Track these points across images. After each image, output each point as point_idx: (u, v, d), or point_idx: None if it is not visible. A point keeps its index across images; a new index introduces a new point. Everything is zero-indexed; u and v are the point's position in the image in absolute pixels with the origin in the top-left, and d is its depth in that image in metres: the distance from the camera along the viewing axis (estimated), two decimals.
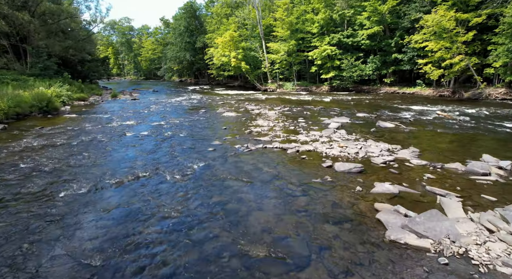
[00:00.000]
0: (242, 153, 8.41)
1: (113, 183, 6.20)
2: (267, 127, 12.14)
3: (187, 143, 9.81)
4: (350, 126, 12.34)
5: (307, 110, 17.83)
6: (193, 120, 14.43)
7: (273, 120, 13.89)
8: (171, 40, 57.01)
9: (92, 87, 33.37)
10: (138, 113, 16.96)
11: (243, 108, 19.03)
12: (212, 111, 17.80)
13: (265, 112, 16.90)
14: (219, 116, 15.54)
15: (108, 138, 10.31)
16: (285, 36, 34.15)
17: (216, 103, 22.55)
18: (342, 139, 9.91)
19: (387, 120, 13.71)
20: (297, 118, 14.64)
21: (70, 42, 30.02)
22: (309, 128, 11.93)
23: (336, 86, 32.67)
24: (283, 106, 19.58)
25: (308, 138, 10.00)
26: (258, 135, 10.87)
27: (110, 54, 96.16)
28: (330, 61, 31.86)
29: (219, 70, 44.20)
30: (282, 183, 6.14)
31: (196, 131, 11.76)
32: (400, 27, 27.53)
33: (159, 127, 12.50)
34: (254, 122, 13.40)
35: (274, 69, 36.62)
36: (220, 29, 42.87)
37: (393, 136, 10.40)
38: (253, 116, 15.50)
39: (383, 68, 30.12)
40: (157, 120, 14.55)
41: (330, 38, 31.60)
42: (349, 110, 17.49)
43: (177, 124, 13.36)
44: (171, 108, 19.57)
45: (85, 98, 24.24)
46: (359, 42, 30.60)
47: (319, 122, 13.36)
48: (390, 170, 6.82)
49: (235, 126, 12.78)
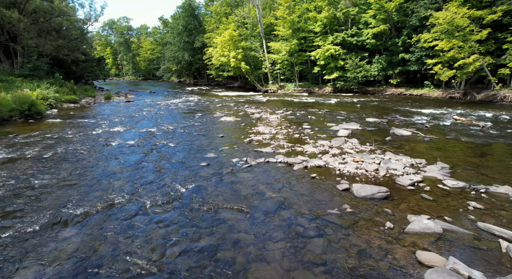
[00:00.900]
0: (240, 170, 7.13)
1: (76, 214, 4.92)
2: (269, 135, 10.86)
3: (177, 155, 8.53)
4: (362, 134, 11.05)
5: (311, 114, 16.55)
6: (188, 126, 13.15)
7: (275, 127, 12.61)
8: (169, 40, 55.71)
9: (86, 88, 32.16)
10: (130, 118, 15.69)
11: (243, 112, 17.75)
12: (209, 115, 16.53)
13: (266, 116, 15.62)
14: (216, 122, 14.26)
15: (88, 150, 9.04)
16: (287, 35, 32.89)
17: (214, 106, 21.28)
18: (355, 150, 8.63)
19: (401, 126, 12.42)
20: (301, 124, 13.36)
21: (62, 42, 28.76)
22: (316, 137, 10.65)
23: (339, 88, 31.40)
24: (285, 110, 18.30)
25: (316, 150, 8.72)
26: (259, 145, 9.59)
27: (108, 55, 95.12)
28: (333, 61, 30.60)
29: (218, 71, 42.95)
30: (290, 215, 4.85)
31: (189, 140, 10.48)
32: (408, 25, 26.24)
33: (149, 135, 11.22)
34: (254, 129, 12.12)
35: (275, 69, 35.36)
36: (219, 29, 41.60)
37: (413, 147, 9.12)
38: (253, 121, 14.22)
39: (389, 69, 28.86)
40: (148, 126, 13.27)
41: (333, 37, 30.33)
42: (356, 114, 16.21)
43: (169, 131, 12.08)
44: (166, 111, 18.29)
45: (77, 101, 22.97)
46: (364, 41, 29.35)
47: (327, 129, 12.07)
48: (422, 195, 5.53)
49: (233, 133, 11.50)
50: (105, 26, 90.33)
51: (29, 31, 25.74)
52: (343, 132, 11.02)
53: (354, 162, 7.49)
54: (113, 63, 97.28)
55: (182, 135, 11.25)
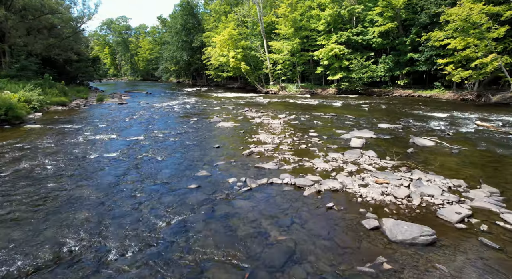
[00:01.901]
0: (237, 195, 5.76)
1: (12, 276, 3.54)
2: (272, 145, 9.48)
3: (163, 173, 7.15)
4: (378, 144, 9.67)
5: (316, 118, 15.17)
6: (181, 133, 11.77)
7: (279, 134, 11.23)
8: (167, 40, 54.34)
9: (79, 89, 30.82)
10: (119, 123, 14.31)
11: (242, 115, 16.37)
12: (205, 120, 15.15)
13: (268, 121, 14.23)
14: (213, 128, 12.88)
15: (58, 165, 7.65)
16: (289, 34, 31.49)
17: (211, 109, 19.89)
18: (375, 166, 7.25)
19: (420, 134, 11.03)
20: (307, 130, 11.97)
21: (53, 41, 27.40)
22: (326, 147, 9.26)
23: (344, 89, 29.99)
24: (288, 114, 16.92)
25: (328, 166, 7.33)
26: (261, 158, 8.22)
27: (106, 55, 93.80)
28: (337, 61, 29.20)
29: (217, 71, 41.57)
30: (306, 276, 3.47)
31: (180, 151, 9.10)
32: (417, 23, 24.84)
33: (135, 145, 9.84)
34: (255, 137, 10.73)
35: (276, 70, 33.98)
36: (218, 28, 40.22)
37: (442, 161, 7.73)
38: (254, 127, 12.84)
39: (396, 69, 27.46)
40: (137, 133, 11.90)
41: (338, 36, 28.93)
42: (366, 119, 14.82)
43: (159, 139, 10.70)
44: (160, 115, 16.92)
45: (66, 103, 21.60)
46: (369, 40, 27.95)
47: (336, 137, 10.68)
48: (480, 238, 4.15)
49: (231, 143, 10.12)
50: (103, 25, 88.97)
51: (17, 29, 24.39)
52: (356, 142, 9.63)
53: (377, 183, 6.11)
54: (112, 63, 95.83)
55: (172, 145, 9.87)
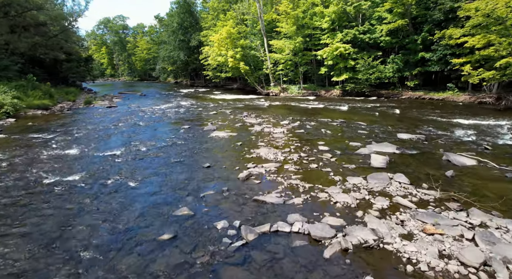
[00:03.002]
0: (227, 255, 3.97)
1: None
2: (274, 165, 7.68)
3: (130, 211, 5.35)
4: (405, 163, 7.87)
5: (324, 125, 13.38)
6: (167, 146, 9.98)
7: (282, 148, 9.43)
8: (164, 39, 52.49)
9: (68, 91, 29.05)
10: (99, 131, 12.53)
11: (240, 122, 14.58)
12: (198, 127, 13.35)
13: (269, 130, 12.43)
14: (205, 139, 11.08)
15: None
16: (290, 33, 29.70)
17: (207, 113, 18.10)
18: (412, 200, 5.46)
19: (451, 147, 9.23)
20: (315, 142, 10.18)
21: (39, 39, 25.61)
22: (342, 168, 7.47)
23: (349, 91, 28.17)
24: (291, 119, 15.13)
25: (350, 199, 5.53)
26: (261, 183, 6.46)
27: (103, 54, 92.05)
28: (343, 61, 27.39)
29: (215, 72, 39.77)
30: None
31: (161, 173, 7.31)
32: (429, 20, 23.04)
33: (108, 163, 8.06)
34: (254, 152, 8.94)
35: (277, 70, 32.17)
36: (216, 26, 38.41)
37: (499, 192, 5.91)
38: (253, 138, 11.04)
39: (405, 70, 25.68)
40: (116, 145, 10.12)
41: (343, 34, 27.11)
42: (380, 127, 13.03)
43: (139, 155, 8.91)
44: (148, 121, 15.13)
45: (49, 106, 19.82)
46: (377, 39, 26.17)
47: (351, 152, 8.89)
48: None
49: (224, 160, 8.33)
50: (100, 24, 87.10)
51: None
52: (377, 159, 7.84)
53: (427, 234, 4.31)
54: (109, 63, 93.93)
55: (154, 163, 8.07)
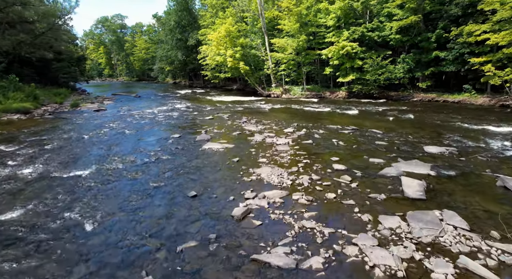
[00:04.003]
0: None
1: None
2: (280, 194, 5.94)
3: None
4: (448, 191, 6.09)
5: (334, 134, 11.62)
6: (148, 163, 8.22)
7: (288, 166, 7.68)
8: (161, 38, 50.70)
9: (58, 92, 27.37)
10: (74, 142, 10.79)
11: (238, 129, 12.82)
12: (190, 137, 11.60)
13: (272, 140, 10.67)
14: (196, 153, 9.32)
15: None
16: (293, 30, 27.91)
17: (202, 119, 16.34)
18: (487, 264, 3.70)
19: (499, 167, 7.45)
20: (327, 158, 8.43)
21: (23, 36, 23.87)
22: (368, 198, 5.72)
23: (356, 92, 26.38)
24: (296, 126, 13.38)
25: (392, 260, 3.77)
26: (262, 226, 4.72)
27: (101, 54, 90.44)
28: (349, 61, 25.60)
29: (214, 72, 37.97)
30: None
31: (131, 207, 5.56)
32: (445, 16, 21.25)
33: (67, 192, 6.32)
34: (253, 173, 7.20)
35: (279, 70, 30.36)
36: (215, 24, 36.64)
37: None
38: (253, 151, 9.28)
39: (416, 70, 23.89)
40: (88, 162, 8.38)
41: (350, 32, 25.31)
42: (400, 137, 11.27)
43: (112, 177, 7.17)
44: (134, 128, 13.39)
45: (30, 110, 18.09)
46: (386, 37, 24.36)
47: (376, 175, 7.12)
48: None
49: (216, 186, 6.57)
50: (98, 24, 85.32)
51: None
52: (411, 186, 6.10)
53: None
54: (107, 63, 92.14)
55: (125, 191, 6.33)
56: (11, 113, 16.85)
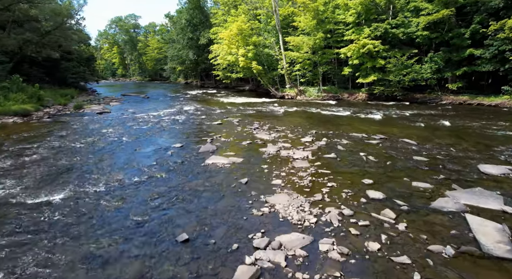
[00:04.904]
0: None
1: None
2: (301, 240, 4.33)
3: None
4: None
5: (360, 145, 9.88)
6: (137, 185, 6.75)
7: (309, 192, 6.04)
8: (172, 37, 49.74)
9: (65, 92, 26.56)
10: (59, 154, 9.48)
11: (249, 137, 11.24)
12: (193, 147, 10.10)
13: (288, 153, 9.04)
14: (197, 170, 7.79)
15: None
16: (309, 28, 26.11)
17: (209, 124, 14.85)
18: None
19: None
20: (358, 180, 6.75)
21: (29, 36, 23.09)
22: (426, 251, 4.02)
23: (377, 94, 24.35)
24: (314, 134, 11.70)
25: None
26: None
27: (115, 54, 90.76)
28: (370, 60, 23.63)
29: (225, 72, 36.56)
30: None
31: (97, 263, 4.08)
32: (482, 9, 19.04)
33: (15, 237, 4.91)
34: (265, 203, 5.61)
35: (293, 70, 28.63)
36: (227, 22, 35.22)
37: None
38: (265, 169, 7.68)
39: (446, 70, 21.69)
40: (65, 182, 7.00)
41: (371, 29, 23.35)
42: (439, 148, 9.42)
43: (87, 206, 5.73)
44: (135, 135, 12.03)
45: (29, 112, 17.08)
46: (412, 34, 22.27)
47: (427, 208, 5.40)
48: None
49: (216, 224, 5.00)
50: (112, 23, 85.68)
51: None
52: (484, 231, 4.38)
53: None
54: (120, 63, 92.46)
55: (96, 227, 4.85)
56: (9, 116, 15.87)
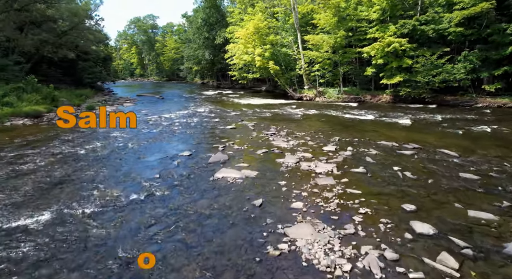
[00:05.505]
0: None
1: None
2: None
3: None
4: None
5: (392, 157, 8.56)
6: (130, 208, 5.80)
7: (337, 222, 4.88)
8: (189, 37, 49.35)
9: (81, 93, 26.41)
10: (55, 164, 8.73)
11: (265, 145, 10.13)
12: (203, 155, 9.12)
13: (309, 165, 7.87)
14: (204, 186, 6.77)
15: None
16: (330, 26, 24.73)
17: (223, 128, 13.87)
18: None
19: None
20: (396, 206, 5.52)
21: (45, 36, 22.98)
22: None
23: (403, 96, 22.64)
24: (337, 142, 10.46)
25: None
26: None
27: (133, 54, 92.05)
28: (396, 60, 22.01)
29: (241, 72, 35.63)
30: None
31: None
32: None
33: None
34: (283, 235, 4.50)
35: (312, 70, 27.29)
36: (244, 20, 34.26)
37: None
38: (283, 186, 6.55)
39: (482, 70, 19.76)
40: (49, 200, 6.16)
41: (397, 26, 21.71)
42: (488, 162, 7.99)
43: (64, 237, 4.82)
44: (143, 140, 11.21)
45: (41, 113, 16.75)
46: (444, 30, 20.45)
47: (493, 250, 4.13)
48: None
49: (223, 266, 3.92)
50: (131, 24, 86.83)
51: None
52: None
53: None
54: (138, 63, 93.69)
55: (71, 267, 3.91)
56: (20, 117, 15.52)
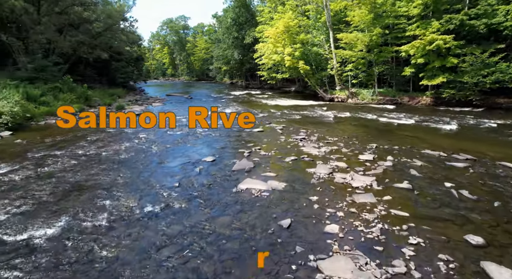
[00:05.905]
0: None
1: None
2: None
3: None
4: None
5: (441, 170, 7.41)
6: (143, 224, 5.29)
7: (381, 254, 4.00)
8: (218, 37, 49.49)
9: (113, 92, 27.19)
10: (77, 167, 8.55)
11: (294, 152, 9.33)
12: (226, 161, 8.52)
13: (344, 177, 6.97)
14: (225, 199, 6.13)
15: None
16: (365, 23, 23.28)
17: (249, 131, 13.21)
18: None
19: None
20: (456, 235, 4.51)
21: (82, 37, 23.77)
22: None
23: (446, 98, 20.68)
24: (375, 149, 9.41)
25: None
26: None
27: (165, 54, 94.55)
28: (438, 59, 20.14)
29: (270, 72, 34.91)
30: None
31: None
32: None
33: None
34: (317, 269, 3.72)
35: (345, 70, 25.92)
36: (273, 19, 33.50)
37: None
38: (314, 203, 5.75)
39: None
40: (60, 210, 5.83)
41: (442, 22, 19.84)
42: None
43: (66, 257, 4.40)
44: (165, 143, 10.88)
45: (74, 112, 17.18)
46: (499, 25, 18.32)
47: None
48: None
49: None
50: (164, 25, 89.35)
51: (38, 23, 21.01)
52: None
53: None
54: (170, 63, 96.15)
55: None
56: (54, 116, 16.00)
